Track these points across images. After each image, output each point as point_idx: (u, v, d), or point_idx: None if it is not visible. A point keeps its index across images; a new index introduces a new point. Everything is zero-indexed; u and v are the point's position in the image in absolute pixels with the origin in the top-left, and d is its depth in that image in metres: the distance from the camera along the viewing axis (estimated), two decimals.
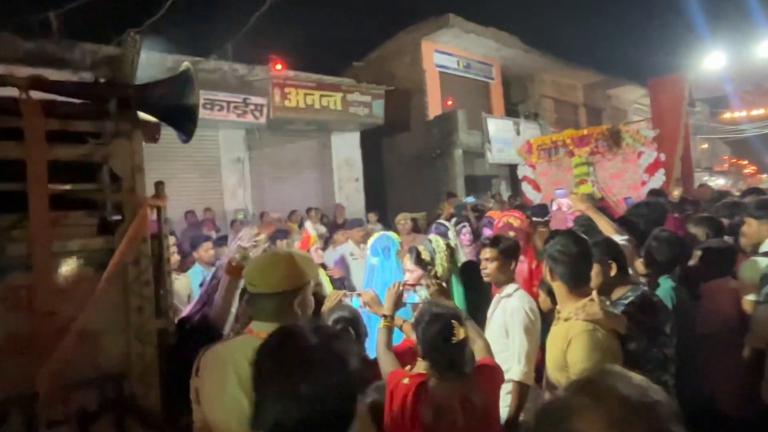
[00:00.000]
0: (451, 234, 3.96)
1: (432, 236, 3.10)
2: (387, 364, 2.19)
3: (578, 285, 2.10)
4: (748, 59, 13.54)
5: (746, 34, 13.67)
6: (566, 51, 18.96)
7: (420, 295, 2.71)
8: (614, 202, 6.71)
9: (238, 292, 2.16)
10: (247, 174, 10.50)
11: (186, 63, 2.31)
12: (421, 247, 2.91)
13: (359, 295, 2.79)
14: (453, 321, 1.95)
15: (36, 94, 1.94)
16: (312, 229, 4.34)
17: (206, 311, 2.21)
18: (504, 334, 2.57)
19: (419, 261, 2.83)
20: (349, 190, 12.31)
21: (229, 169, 10.29)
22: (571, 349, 1.99)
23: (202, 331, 2.21)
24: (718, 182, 22.88)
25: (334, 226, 9.59)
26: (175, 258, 4.46)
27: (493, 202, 12.43)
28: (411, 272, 2.84)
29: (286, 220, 10.01)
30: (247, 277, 1.81)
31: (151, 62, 8.98)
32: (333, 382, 1.05)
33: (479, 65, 16.50)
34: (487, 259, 2.77)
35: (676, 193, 7.51)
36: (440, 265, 2.80)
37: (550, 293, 2.55)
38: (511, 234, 3.55)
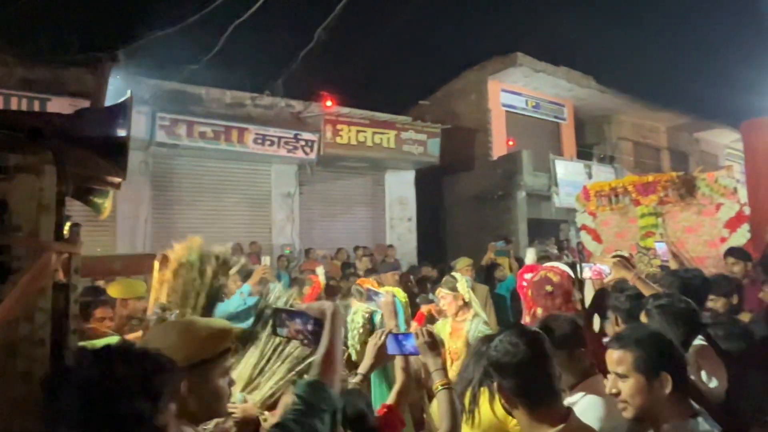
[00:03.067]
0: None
1: (355, 305, 2.39)
2: None
3: (540, 404, 1.47)
4: None
5: None
6: (647, 91, 17.76)
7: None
8: (688, 259, 5.81)
9: None
10: (296, 209, 10.46)
11: (129, 92, 2.07)
12: (350, 317, 2.28)
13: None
14: None
15: None
16: (323, 275, 3.96)
17: None
18: None
19: None
20: (401, 229, 11.94)
21: (278, 204, 10.29)
22: None
23: None
24: None
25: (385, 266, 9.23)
26: None
27: (557, 249, 11.60)
28: None
29: (332, 257, 9.78)
30: None
31: (211, 97, 9.30)
32: None
33: (549, 105, 15.85)
34: None
35: None
36: (353, 347, 2.15)
37: None
38: (548, 289, 2.95)
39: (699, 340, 2.29)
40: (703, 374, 2.12)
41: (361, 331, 2.22)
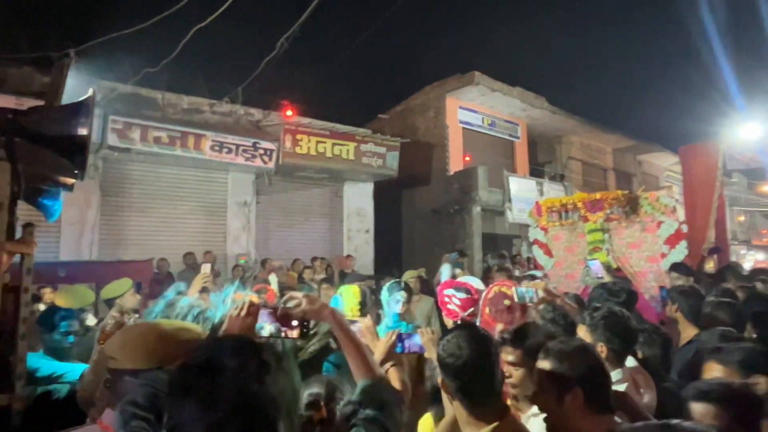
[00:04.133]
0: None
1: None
2: None
3: (479, 404, 1.52)
4: None
5: None
6: (595, 114, 18.78)
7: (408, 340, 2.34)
8: (631, 273, 6.12)
9: None
10: (252, 219, 10.30)
11: (91, 90, 2.03)
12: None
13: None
14: None
15: None
16: (275, 284, 3.94)
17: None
18: None
19: None
20: (358, 241, 11.96)
21: (234, 213, 10.11)
22: None
23: (64, 411, 1.81)
24: (757, 257, 21.64)
25: (345, 277, 9.18)
26: None
27: (508, 261, 11.88)
28: None
29: (288, 269, 9.67)
30: (108, 348, 1.45)
31: (167, 102, 9.09)
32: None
33: (504, 124, 16.35)
34: (509, 364, 2.00)
35: (710, 265, 6.92)
36: None
37: None
38: (506, 303, 3.07)
39: (631, 360, 2.41)
40: (642, 390, 2.26)
41: None
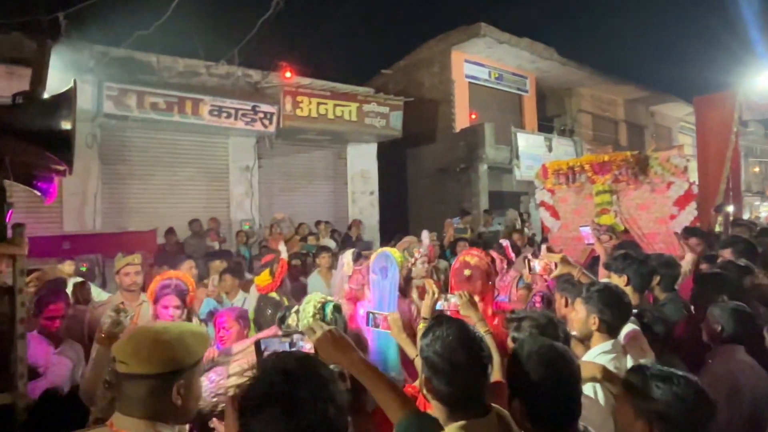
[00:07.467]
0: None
1: (309, 296, 2.39)
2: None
3: (459, 408, 1.42)
4: None
5: None
6: (606, 64, 18.15)
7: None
8: (639, 236, 6.01)
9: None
10: (255, 183, 10.21)
11: (72, 80, 1.93)
12: (302, 306, 2.26)
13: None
14: None
15: None
16: (285, 252, 3.88)
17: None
18: None
19: (281, 323, 2.32)
20: (363, 203, 11.86)
21: (237, 178, 10.02)
22: None
23: (67, 408, 1.82)
24: None
25: (348, 242, 9.14)
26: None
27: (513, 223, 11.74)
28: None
29: (291, 221, 9.64)
30: (118, 353, 1.41)
31: (162, 65, 8.84)
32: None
33: (512, 77, 15.85)
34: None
35: (718, 223, 6.84)
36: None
37: None
38: (467, 273, 2.99)
39: (631, 324, 2.43)
40: (629, 358, 2.21)
41: (311, 320, 2.18)
